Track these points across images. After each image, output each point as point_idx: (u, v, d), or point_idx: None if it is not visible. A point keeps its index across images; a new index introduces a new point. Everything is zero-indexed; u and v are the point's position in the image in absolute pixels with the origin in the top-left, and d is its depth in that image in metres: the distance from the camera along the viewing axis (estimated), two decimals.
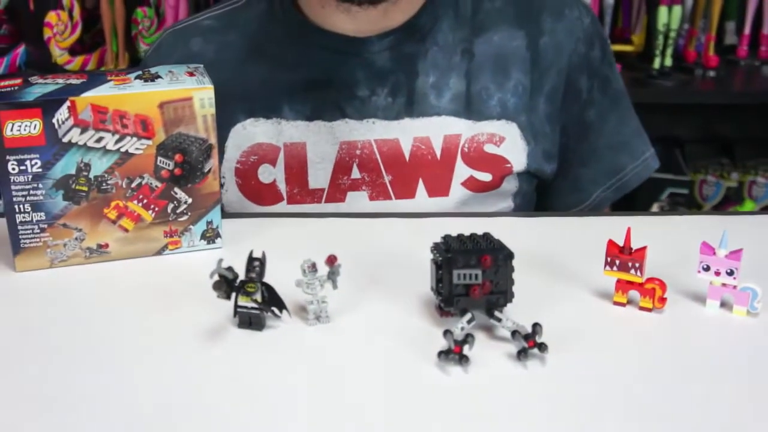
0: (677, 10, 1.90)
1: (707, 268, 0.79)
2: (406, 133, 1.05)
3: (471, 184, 1.07)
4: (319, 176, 1.06)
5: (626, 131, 1.14)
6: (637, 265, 0.79)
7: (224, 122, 1.06)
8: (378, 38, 1.04)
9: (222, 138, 1.06)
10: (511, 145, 1.07)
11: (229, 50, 1.09)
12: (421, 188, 1.07)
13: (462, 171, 1.06)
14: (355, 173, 1.06)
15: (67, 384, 0.71)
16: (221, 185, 1.08)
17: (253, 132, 1.07)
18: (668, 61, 1.93)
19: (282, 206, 1.07)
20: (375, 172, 1.06)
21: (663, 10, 1.89)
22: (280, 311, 0.78)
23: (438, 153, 1.06)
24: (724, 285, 0.80)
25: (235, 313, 0.77)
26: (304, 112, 1.06)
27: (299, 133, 1.06)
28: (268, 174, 1.07)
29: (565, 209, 1.16)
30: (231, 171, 1.08)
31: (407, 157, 1.06)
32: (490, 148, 1.06)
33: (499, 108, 1.06)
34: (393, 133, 1.05)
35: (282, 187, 1.07)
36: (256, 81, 1.07)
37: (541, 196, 1.17)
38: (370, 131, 1.05)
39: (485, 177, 1.07)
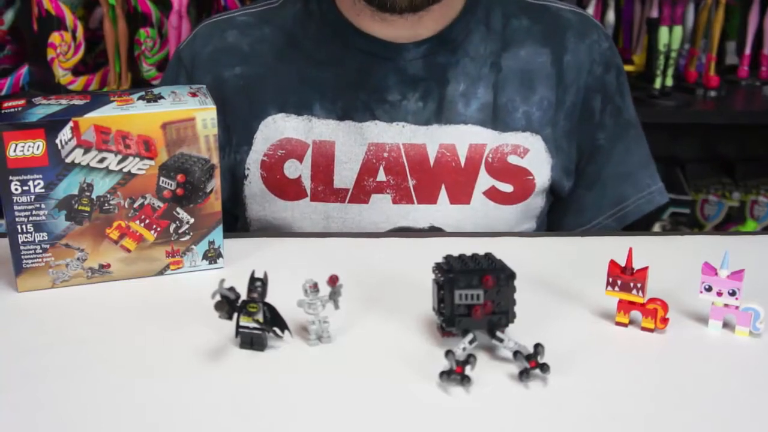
0: (678, 30, 1.90)
1: (709, 289, 0.79)
2: (433, 139, 1.06)
3: (492, 194, 1.08)
4: (344, 176, 1.07)
5: (632, 162, 1.14)
6: (638, 285, 0.79)
7: (255, 115, 1.07)
8: (414, 45, 1.06)
9: (251, 130, 1.07)
10: (535, 158, 1.08)
11: (265, 44, 1.09)
12: (443, 195, 1.07)
13: (484, 180, 1.07)
14: (381, 176, 1.07)
15: (68, 403, 0.70)
16: (245, 177, 1.08)
17: (283, 126, 1.07)
18: (669, 81, 1.93)
19: (305, 202, 1.08)
20: (400, 176, 1.07)
21: (664, 31, 1.90)
22: (282, 331, 0.78)
23: (462, 161, 1.07)
24: (726, 305, 0.80)
25: (237, 333, 0.77)
26: (335, 111, 1.07)
27: (329, 131, 1.07)
28: (294, 169, 1.07)
29: (562, 230, 1.16)
30: (257, 163, 1.08)
31: (432, 163, 1.07)
32: (513, 159, 1.07)
33: (524, 120, 1.08)
34: (420, 138, 1.06)
35: (307, 183, 1.07)
36: (289, 77, 1.08)
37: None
38: (399, 135, 1.06)
39: (507, 188, 1.08)
